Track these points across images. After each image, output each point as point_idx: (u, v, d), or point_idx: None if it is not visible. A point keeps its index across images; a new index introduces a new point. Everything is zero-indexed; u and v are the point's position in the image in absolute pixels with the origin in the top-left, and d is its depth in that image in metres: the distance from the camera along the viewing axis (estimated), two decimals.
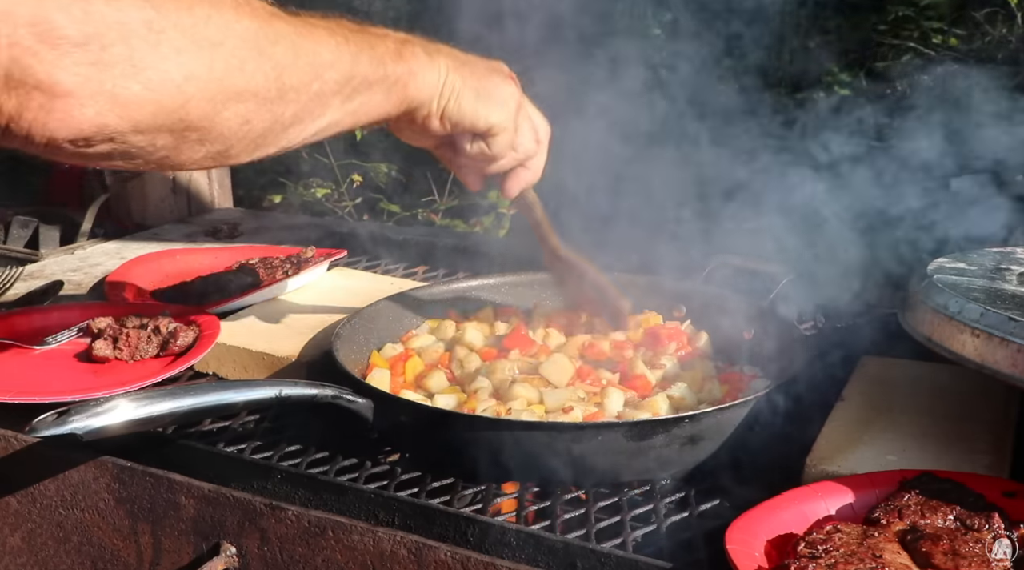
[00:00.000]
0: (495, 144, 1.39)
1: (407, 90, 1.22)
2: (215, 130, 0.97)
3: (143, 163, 0.97)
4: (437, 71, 1.27)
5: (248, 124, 1.00)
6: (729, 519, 1.19)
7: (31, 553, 1.54)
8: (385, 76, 1.17)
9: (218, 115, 0.96)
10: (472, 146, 1.39)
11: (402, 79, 1.20)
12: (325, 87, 1.08)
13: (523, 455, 1.34)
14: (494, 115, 1.35)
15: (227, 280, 1.98)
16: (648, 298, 1.83)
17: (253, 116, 1.00)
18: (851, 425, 1.43)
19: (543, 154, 1.50)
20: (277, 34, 1.01)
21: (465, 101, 1.30)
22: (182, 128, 0.94)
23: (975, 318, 1.30)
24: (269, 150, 1.07)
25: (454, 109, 1.30)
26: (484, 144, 1.39)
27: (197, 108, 0.93)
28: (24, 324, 1.83)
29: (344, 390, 1.42)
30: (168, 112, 0.92)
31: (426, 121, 1.30)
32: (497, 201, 3.80)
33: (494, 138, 1.38)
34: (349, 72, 1.11)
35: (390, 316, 1.78)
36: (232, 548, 1.37)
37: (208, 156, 1.00)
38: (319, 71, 1.06)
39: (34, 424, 1.23)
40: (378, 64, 1.16)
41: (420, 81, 1.23)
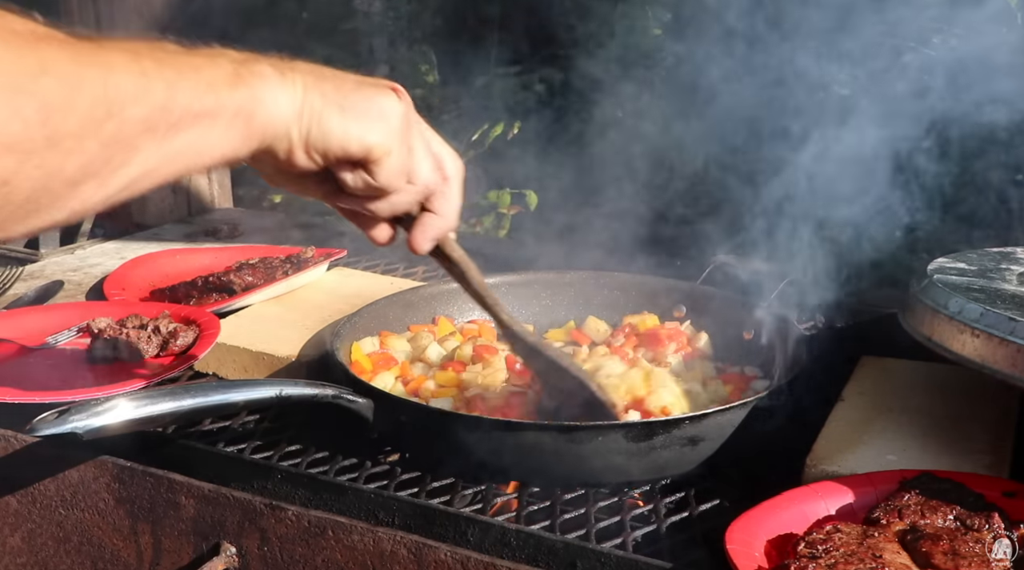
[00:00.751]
0: (380, 172, 1.09)
1: (252, 121, 0.95)
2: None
3: None
4: (291, 90, 0.99)
5: (6, 186, 0.73)
6: (729, 519, 1.19)
7: (31, 553, 1.54)
8: (219, 106, 0.90)
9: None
10: (354, 179, 1.10)
11: (245, 107, 0.94)
12: (126, 127, 0.81)
13: (523, 455, 1.33)
14: (370, 134, 1.06)
15: (227, 280, 1.98)
16: (648, 298, 1.83)
17: (12, 175, 0.73)
18: (851, 425, 1.43)
19: (455, 196, 1.22)
20: (43, 63, 0.75)
21: (329, 122, 1.03)
22: None
23: (975, 318, 1.30)
24: (55, 216, 0.80)
25: (318, 135, 1.02)
26: (367, 174, 1.10)
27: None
28: (24, 324, 1.83)
29: (344, 390, 1.42)
30: None
31: (290, 156, 1.02)
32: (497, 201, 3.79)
33: (376, 164, 1.08)
34: (162, 104, 0.84)
35: (390, 316, 1.78)
36: (232, 548, 1.37)
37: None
38: (113, 107, 0.79)
39: (34, 423, 1.23)
40: (206, 91, 0.89)
41: (270, 107, 0.97)
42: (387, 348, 1.69)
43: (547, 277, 1.90)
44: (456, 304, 1.85)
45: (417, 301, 1.83)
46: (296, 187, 1.13)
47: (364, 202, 1.15)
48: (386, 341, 1.71)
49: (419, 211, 1.21)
